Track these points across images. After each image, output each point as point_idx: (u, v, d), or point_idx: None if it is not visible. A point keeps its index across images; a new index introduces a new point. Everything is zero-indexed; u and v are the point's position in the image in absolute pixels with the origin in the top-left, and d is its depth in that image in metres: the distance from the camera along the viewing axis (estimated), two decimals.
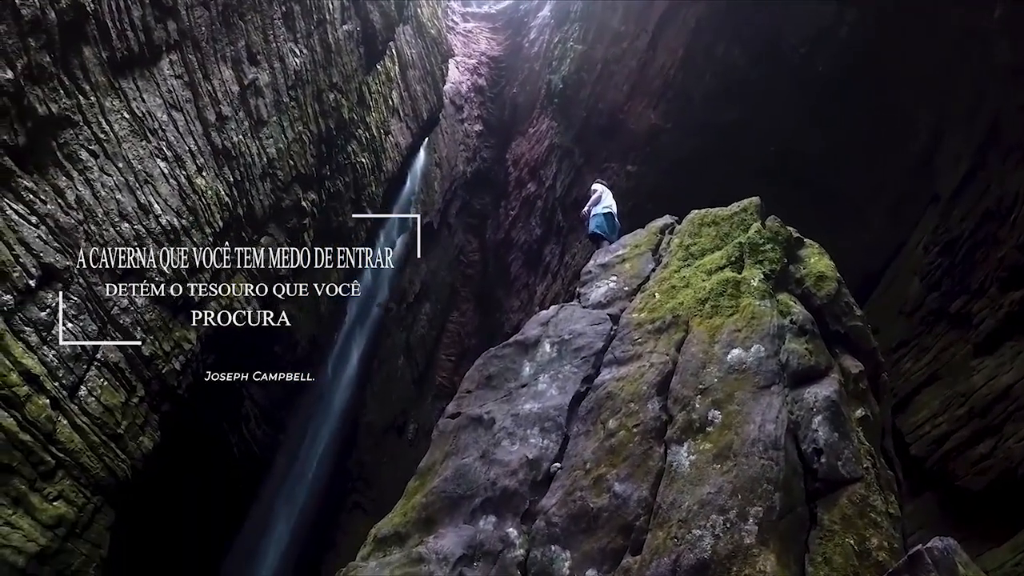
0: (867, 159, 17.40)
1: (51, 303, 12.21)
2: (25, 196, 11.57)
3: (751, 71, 19.13)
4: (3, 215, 11.16)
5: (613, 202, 16.06)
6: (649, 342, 8.69)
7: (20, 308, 11.59)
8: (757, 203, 10.36)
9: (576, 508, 7.14)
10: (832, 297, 8.80)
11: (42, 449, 11.98)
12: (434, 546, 7.46)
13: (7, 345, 11.26)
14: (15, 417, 11.39)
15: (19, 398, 11.46)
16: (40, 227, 11.87)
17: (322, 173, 22.43)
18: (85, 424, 13.12)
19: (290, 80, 19.25)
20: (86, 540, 13.26)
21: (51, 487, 12.30)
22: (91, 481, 13.23)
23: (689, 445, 7.10)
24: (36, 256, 11.74)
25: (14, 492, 11.53)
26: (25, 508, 11.73)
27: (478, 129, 37.04)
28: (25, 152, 11.53)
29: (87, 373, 13.28)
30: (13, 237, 11.31)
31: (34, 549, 11.79)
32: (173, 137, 15.21)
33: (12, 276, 11.28)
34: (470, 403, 9.57)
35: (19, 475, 11.59)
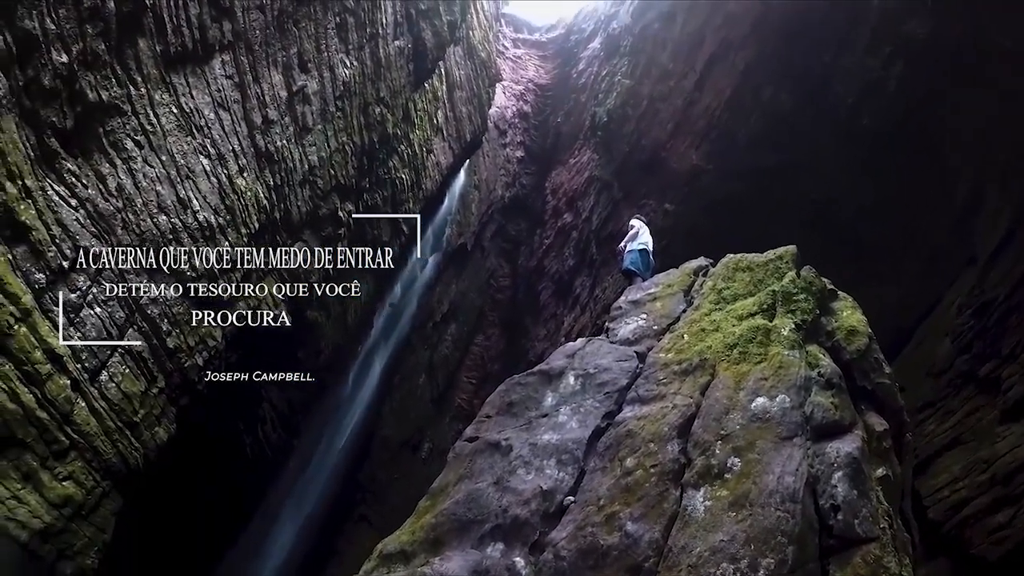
0: (907, 214, 17.25)
1: (82, 286, 12.39)
2: (67, 179, 11.81)
3: (797, 118, 19.04)
4: (44, 195, 11.39)
5: (650, 239, 15.99)
6: (674, 383, 8.60)
7: (51, 288, 11.78)
8: (794, 252, 10.25)
9: (586, 544, 7.04)
10: (862, 352, 8.65)
11: (57, 428, 12.12)
12: (439, 568, 7.36)
13: (35, 322, 11.45)
14: (34, 394, 11.56)
15: (41, 376, 11.63)
16: (79, 210, 12.11)
17: (361, 185, 22.62)
18: (103, 409, 13.26)
19: (338, 90, 19.49)
20: (91, 523, 13.35)
21: (62, 467, 12.42)
22: (102, 465, 13.34)
23: (706, 490, 7.02)
24: (72, 239, 11.95)
25: (25, 467, 11.67)
26: (34, 484, 11.86)
27: (519, 155, 37.16)
28: (72, 136, 11.80)
29: (110, 359, 13.44)
30: (52, 217, 11.53)
31: (38, 526, 11.91)
32: (218, 136, 15.46)
33: (47, 255, 11.49)
34: (489, 428, 9.49)
35: (32, 451, 11.73)
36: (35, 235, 11.24)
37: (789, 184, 19.22)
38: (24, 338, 11.23)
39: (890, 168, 17.36)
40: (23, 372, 11.31)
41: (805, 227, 17.10)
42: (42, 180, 11.36)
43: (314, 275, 20.87)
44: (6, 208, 10.78)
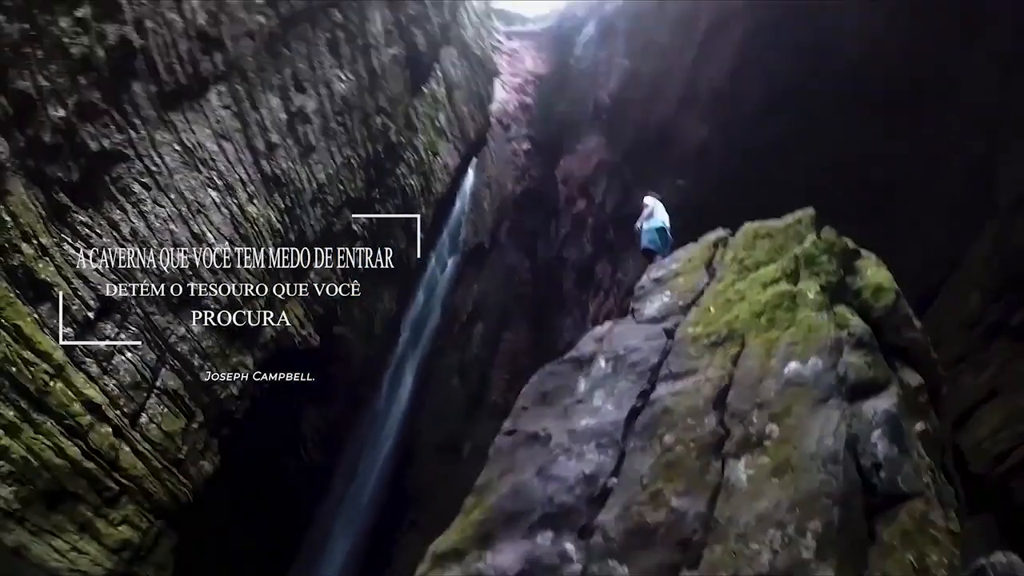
0: (924, 171, 16.88)
1: (110, 334, 12.53)
2: (81, 231, 11.97)
3: (802, 82, 18.72)
4: (60, 250, 11.54)
5: (665, 216, 15.88)
6: (705, 356, 8.54)
7: (80, 339, 11.93)
8: (812, 214, 10.14)
9: (633, 523, 7.04)
10: (890, 309, 8.49)
11: (106, 476, 12.33)
12: (492, 562, 7.38)
13: (69, 376, 11.62)
14: (79, 446, 11.76)
15: (82, 427, 11.82)
16: (97, 260, 12.26)
17: (372, 196, 22.70)
18: (147, 450, 13.46)
19: (337, 106, 19.55)
20: (151, 563, 13.59)
21: (115, 512, 12.64)
22: (154, 506, 13.56)
23: (747, 460, 6.98)
24: (93, 289, 12.10)
25: (80, 518, 11.87)
26: (91, 534, 12.07)
27: (526, 148, 36.97)
28: (79, 188, 11.96)
29: (147, 401, 13.64)
30: (70, 271, 11.70)
31: (102, 573, 12.18)
32: (223, 167, 15.57)
33: (71, 309, 11.62)
34: (526, 420, 9.46)
35: (84, 502, 11.94)
36: (55, 291, 11.42)
37: (801, 150, 18.90)
38: (61, 393, 11.44)
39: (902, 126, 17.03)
40: (65, 427, 11.53)
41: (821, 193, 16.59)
42: (56, 236, 11.52)
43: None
44: (25, 269, 10.97)
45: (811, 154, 18.73)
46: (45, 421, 11.34)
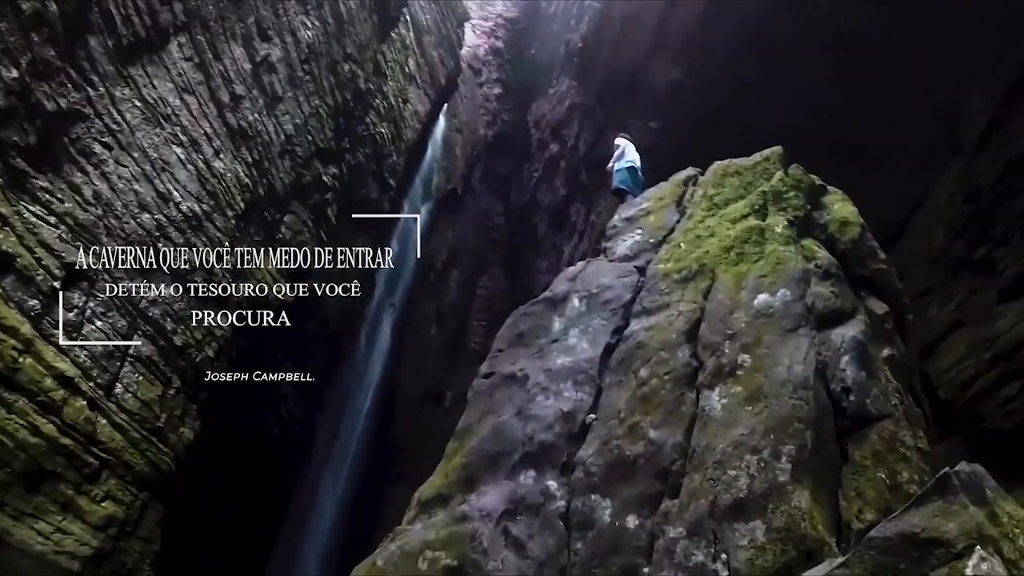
0: (890, 112, 17.19)
1: (78, 303, 12.21)
2: (41, 196, 11.54)
3: (773, 25, 18.66)
4: (21, 218, 11.13)
5: (636, 156, 15.83)
6: (676, 291, 8.80)
7: (47, 311, 11.60)
8: (780, 152, 10.46)
9: (613, 457, 7.31)
10: (856, 241, 8.81)
11: (84, 451, 12.08)
12: (477, 504, 7.60)
13: (38, 350, 11.29)
14: (54, 422, 11.48)
15: (56, 402, 11.53)
16: (59, 227, 11.86)
17: (341, 146, 22.28)
18: (124, 421, 13.23)
19: (303, 54, 19.00)
20: (138, 537, 13.46)
21: (97, 488, 12.44)
22: (136, 477, 13.38)
23: (720, 389, 7.25)
24: (58, 256, 11.72)
25: (62, 498, 11.64)
26: (74, 512, 11.86)
27: (498, 92, 36.53)
28: (38, 152, 11.49)
29: (121, 370, 13.35)
30: (33, 239, 11.28)
31: (88, 552, 11.96)
32: (187, 121, 15.09)
33: (36, 280, 11.27)
34: (503, 362, 9.66)
35: (65, 480, 11.71)
36: (20, 262, 11.01)
37: (771, 92, 18.92)
38: (31, 368, 11.11)
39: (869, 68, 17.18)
40: (38, 403, 11.22)
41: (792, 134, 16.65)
42: (16, 204, 11.08)
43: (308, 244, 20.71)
44: None
45: (781, 97, 18.81)
46: (17, 399, 10.99)
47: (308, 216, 20.57)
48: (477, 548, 7.10)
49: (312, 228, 20.81)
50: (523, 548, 7.00)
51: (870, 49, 17.18)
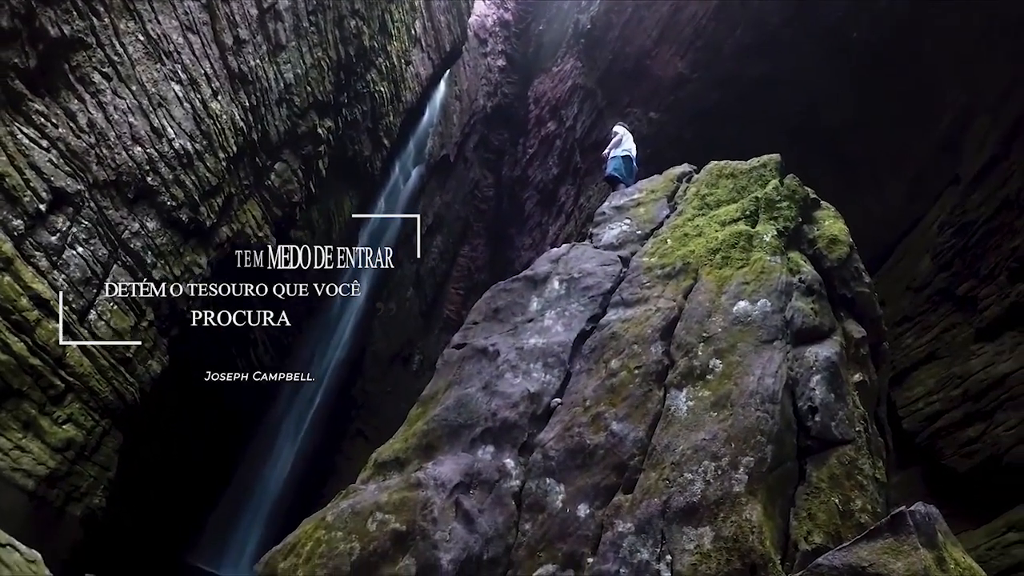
0: (893, 131, 17.16)
1: (61, 227, 12.20)
2: (36, 120, 11.48)
3: (785, 28, 18.63)
4: (13, 139, 11.08)
5: (633, 146, 15.85)
6: (657, 287, 8.83)
7: (30, 232, 11.60)
8: (777, 160, 10.41)
9: (573, 443, 7.35)
10: (843, 261, 8.87)
11: (52, 373, 12.12)
12: (432, 472, 7.64)
13: (17, 270, 11.30)
14: (25, 342, 11.51)
15: (29, 323, 11.56)
16: (51, 151, 11.81)
17: (339, 101, 22.14)
18: (95, 349, 13.25)
19: (311, 5, 18.84)
20: (95, 463, 13.51)
21: (60, 411, 12.47)
22: (100, 404, 13.43)
23: (688, 391, 7.29)
24: (46, 180, 11.70)
25: (24, 416, 11.69)
26: (35, 432, 11.90)
27: (501, 64, 36.29)
28: (36, 75, 11.40)
29: (97, 297, 13.36)
30: (23, 161, 11.25)
31: (44, 472, 12.02)
32: (189, 60, 14.99)
33: (22, 200, 11.26)
34: (476, 334, 9.71)
35: (29, 399, 11.75)
36: (8, 181, 10.98)
37: (775, 95, 18.98)
38: (8, 287, 11.11)
39: (879, 84, 17.16)
40: (11, 322, 11.23)
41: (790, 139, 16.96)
42: (10, 125, 11.02)
43: (297, 194, 20.66)
44: None
45: (786, 102, 18.82)
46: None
47: (299, 166, 20.49)
48: (427, 516, 7.12)
49: (301, 178, 20.74)
50: (472, 522, 7.04)
51: (881, 64, 17.15)
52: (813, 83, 18.25)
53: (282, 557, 7.43)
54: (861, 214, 13.16)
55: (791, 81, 18.65)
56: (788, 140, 16.13)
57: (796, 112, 18.62)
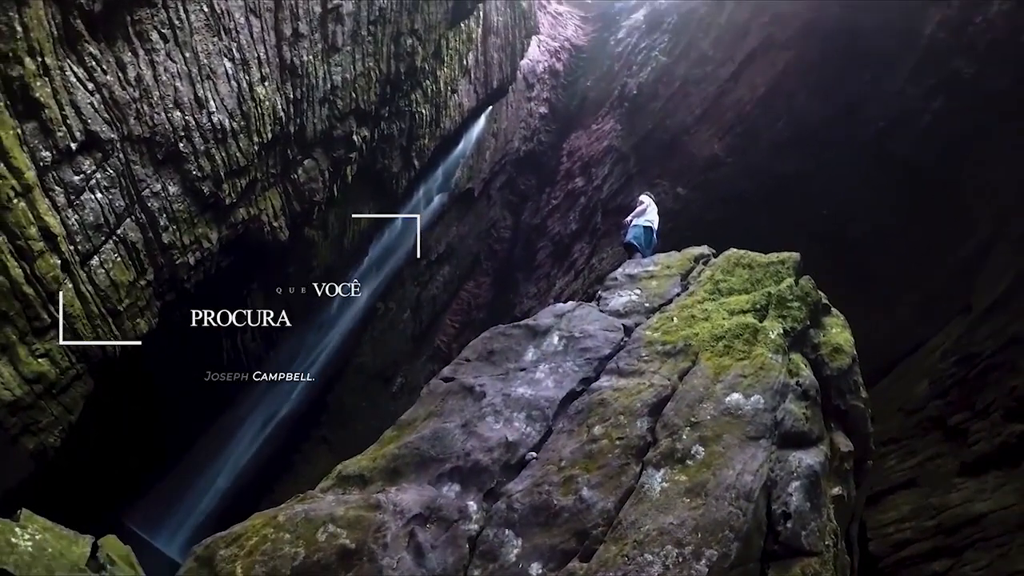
0: (914, 249, 17.27)
1: (87, 170, 12.31)
2: (87, 62, 11.68)
3: (825, 130, 18.90)
4: (62, 74, 11.27)
5: (656, 218, 15.94)
6: (655, 362, 8.74)
7: (56, 167, 11.72)
8: (796, 259, 10.34)
9: (540, 500, 7.22)
10: (843, 372, 8.83)
11: (41, 306, 12.15)
12: (394, 497, 7.53)
13: (34, 199, 11.41)
14: (24, 269, 11.57)
15: (33, 252, 11.64)
16: (94, 95, 11.99)
17: (380, 113, 22.43)
18: (89, 293, 13.30)
19: (373, 15, 19.20)
20: (60, 403, 13.47)
21: (40, 344, 12.48)
22: (80, 348, 13.41)
23: (666, 472, 7.17)
24: (83, 121, 11.86)
25: (4, 340, 11.71)
26: (10, 357, 11.91)
27: (543, 111, 36.73)
28: (98, 19, 11.63)
29: (104, 245, 13.44)
30: (66, 98, 11.42)
31: (8, 398, 12.00)
32: (245, 41, 15.27)
33: (56, 135, 11.40)
34: (466, 372, 9.65)
35: (13, 325, 11.76)
36: (47, 113, 11.15)
37: (804, 192, 19.19)
38: (22, 213, 11.21)
39: (908, 199, 17.37)
40: (16, 246, 11.31)
41: (811, 238, 17.10)
42: (62, 60, 11.22)
43: (318, 194, 20.83)
44: (22, 83, 10.69)
45: (814, 201, 18.99)
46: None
47: (327, 166, 20.69)
48: (379, 539, 6.99)
49: (327, 179, 20.94)
50: (422, 556, 6.91)
51: (914, 181, 17.36)
52: (844, 188, 18.43)
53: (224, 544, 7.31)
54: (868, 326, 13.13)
55: (823, 182, 18.85)
56: (809, 239, 16.26)
57: (822, 213, 18.77)
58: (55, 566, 7.69)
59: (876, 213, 18.01)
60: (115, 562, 8.62)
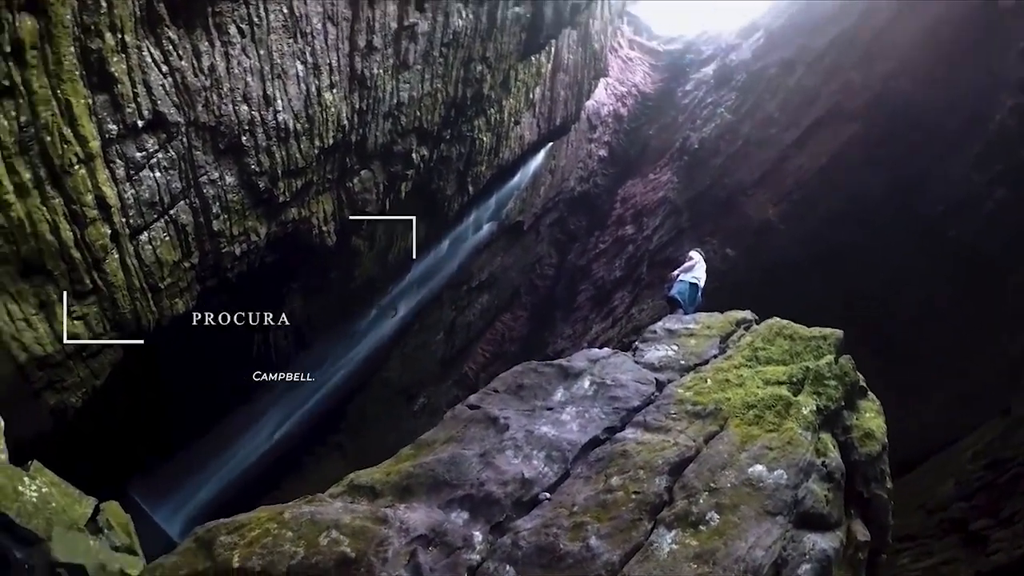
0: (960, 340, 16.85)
1: (150, 148, 12.64)
2: (165, 45, 12.06)
3: (883, 205, 18.66)
4: (139, 54, 11.65)
5: (704, 276, 15.85)
6: (683, 421, 8.62)
7: (120, 141, 12.08)
8: (839, 337, 10.12)
9: (546, 542, 7.07)
10: (871, 459, 8.65)
11: (86, 271, 12.51)
12: (401, 514, 7.46)
13: (95, 168, 11.79)
14: (75, 233, 11.97)
15: (86, 219, 12.04)
16: (167, 78, 12.37)
17: (441, 135, 22.70)
18: (133, 266, 13.66)
19: (447, 38, 19.51)
20: (88, 366, 13.82)
21: (79, 307, 12.85)
22: (116, 318, 13.77)
23: (677, 533, 7.04)
24: (153, 102, 12.23)
25: (45, 296, 12.09)
26: (48, 314, 12.31)
27: (602, 154, 36.87)
28: (180, 6, 12.04)
29: (155, 223, 13.78)
30: (140, 76, 11.81)
31: (39, 353, 12.36)
32: (320, 47, 15.61)
33: (125, 110, 11.76)
34: (492, 402, 9.59)
35: (55, 284, 12.15)
36: (119, 88, 11.57)
37: (855, 268, 18.89)
38: (81, 180, 11.61)
39: (961, 288, 17.04)
40: (70, 210, 11.73)
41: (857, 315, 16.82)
42: (141, 40, 11.63)
43: (371, 205, 21.06)
44: (100, 56, 11.10)
45: (864, 278, 18.73)
46: (55, 197, 11.55)
47: (383, 180, 20.95)
48: (380, 553, 6.90)
49: (381, 192, 21.20)
50: None
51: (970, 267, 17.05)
52: (897, 267, 18.13)
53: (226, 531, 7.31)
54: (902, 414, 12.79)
55: (875, 259, 18.54)
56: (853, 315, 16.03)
57: (871, 291, 18.48)
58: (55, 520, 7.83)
59: (926, 297, 17.66)
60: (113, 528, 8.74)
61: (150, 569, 7.03)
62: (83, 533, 7.97)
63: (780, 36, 27.44)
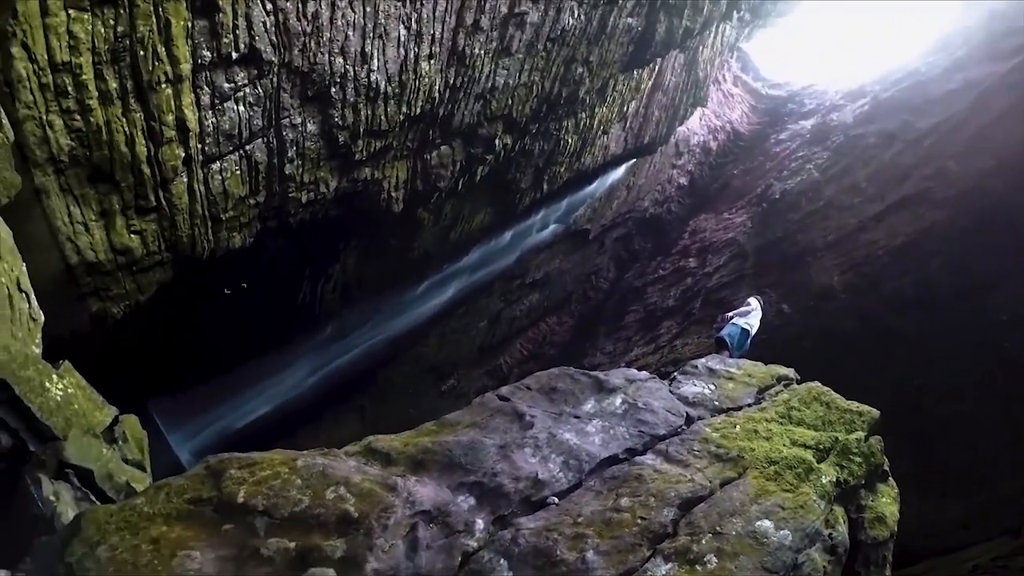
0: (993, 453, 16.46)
1: (239, 81, 12.85)
2: None
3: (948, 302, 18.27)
4: None
5: (757, 324, 15.81)
6: (703, 460, 8.60)
7: (211, 69, 12.30)
8: (875, 416, 9.98)
9: (544, 545, 7.10)
10: (877, 543, 8.51)
11: (152, 189, 12.78)
12: (409, 486, 7.50)
13: (182, 91, 12.03)
14: (148, 148, 12.23)
15: (163, 137, 12.26)
16: (270, 16, 12.56)
17: (528, 127, 22.70)
18: (200, 192, 13.92)
19: (554, 33, 19.47)
20: (135, 280, 14.13)
21: (139, 222, 13.14)
22: (173, 238, 14.06)
23: (673, 567, 7.02)
24: (252, 36, 12.42)
25: (107, 205, 12.37)
26: (107, 223, 12.59)
27: (683, 182, 36.57)
28: None
29: (229, 155, 14.03)
30: (243, 10, 12.02)
31: (91, 258, 12.65)
32: (426, 16, 15.70)
33: (222, 40, 11.98)
34: (523, 398, 9.62)
35: (120, 196, 12.44)
36: (220, 17, 11.76)
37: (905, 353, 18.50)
38: (165, 99, 11.85)
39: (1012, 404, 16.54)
40: (149, 126, 11.95)
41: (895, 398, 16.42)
42: None
43: (444, 181, 21.17)
44: None
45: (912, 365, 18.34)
46: (137, 111, 11.75)
47: (461, 159, 21.04)
48: (381, 519, 6.93)
49: (456, 171, 21.29)
50: (415, 550, 6.84)
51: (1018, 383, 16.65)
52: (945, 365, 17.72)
53: (236, 466, 7.41)
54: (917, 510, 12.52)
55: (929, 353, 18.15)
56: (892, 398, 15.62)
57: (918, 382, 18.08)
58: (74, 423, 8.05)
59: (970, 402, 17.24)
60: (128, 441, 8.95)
61: (156, 486, 7.15)
62: (98, 440, 8.18)
63: (886, 107, 27.02)
